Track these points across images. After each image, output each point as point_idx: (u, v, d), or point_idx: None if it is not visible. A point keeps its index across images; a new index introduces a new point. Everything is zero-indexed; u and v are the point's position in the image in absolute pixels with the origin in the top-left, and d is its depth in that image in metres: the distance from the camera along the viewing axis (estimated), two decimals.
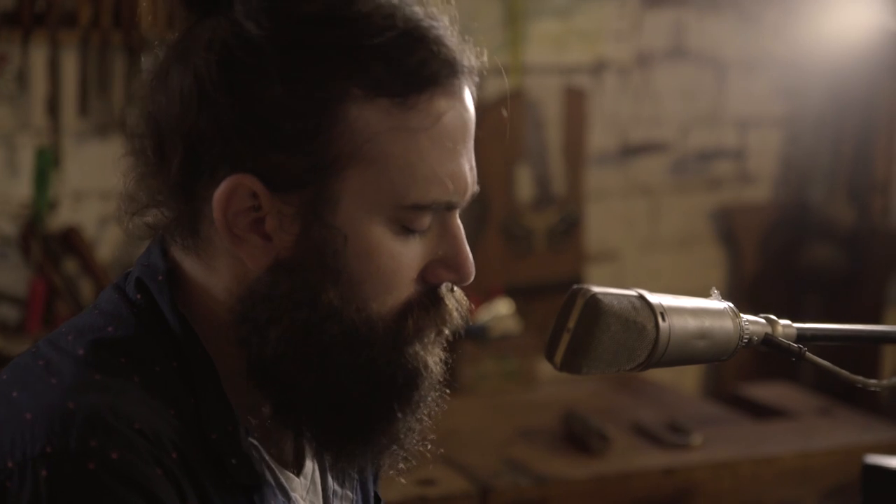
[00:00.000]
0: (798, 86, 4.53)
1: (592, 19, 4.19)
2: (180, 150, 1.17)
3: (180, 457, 1.13)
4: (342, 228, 1.17)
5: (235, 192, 1.16)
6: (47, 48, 3.46)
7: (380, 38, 1.15)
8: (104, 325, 1.21)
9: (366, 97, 1.15)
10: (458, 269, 1.22)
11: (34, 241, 3.45)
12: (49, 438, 1.09)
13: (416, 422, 1.25)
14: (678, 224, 4.44)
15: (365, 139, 1.15)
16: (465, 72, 1.20)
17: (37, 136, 3.49)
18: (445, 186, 1.18)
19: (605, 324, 1.17)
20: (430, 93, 1.17)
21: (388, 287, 1.19)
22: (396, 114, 1.16)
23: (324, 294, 1.17)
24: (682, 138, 4.41)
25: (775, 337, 1.29)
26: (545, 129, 4.16)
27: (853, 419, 3.41)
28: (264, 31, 1.15)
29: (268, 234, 1.18)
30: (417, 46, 1.16)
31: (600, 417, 3.26)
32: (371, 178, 1.16)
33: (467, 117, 1.20)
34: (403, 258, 1.19)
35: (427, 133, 1.17)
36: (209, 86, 1.15)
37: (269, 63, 1.15)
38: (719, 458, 3.11)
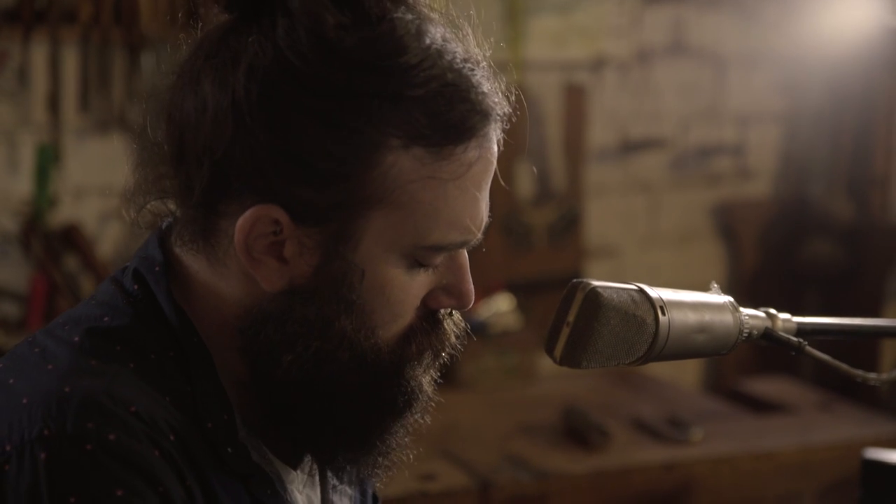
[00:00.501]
0: (797, 82, 4.53)
1: (592, 15, 4.19)
2: (207, 171, 1.17)
3: (177, 439, 1.14)
4: (360, 264, 1.18)
5: (260, 220, 1.17)
6: (48, 45, 3.46)
7: (423, 90, 1.15)
8: (100, 315, 1.22)
9: (403, 146, 1.16)
10: (460, 298, 1.25)
11: (35, 238, 3.46)
12: (46, 421, 1.10)
13: (401, 433, 1.28)
14: (678, 220, 4.44)
15: (397, 186, 1.16)
16: (497, 119, 1.22)
17: (37, 132, 3.49)
18: (465, 229, 1.21)
19: (605, 317, 1.17)
20: (466, 145, 1.18)
21: (394, 316, 1.21)
22: (430, 163, 1.17)
23: (337, 323, 1.19)
24: (681, 134, 4.41)
25: (775, 331, 1.30)
26: (545, 125, 4.16)
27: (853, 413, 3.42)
28: (310, 69, 1.14)
29: (285, 258, 1.19)
30: (459, 100, 1.17)
31: (600, 412, 3.26)
32: (395, 220, 1.18)
33: (492, 161, 1.22)
34: (412, 290, 1.22)
35: (455, 183, 1.18)
36: (247, 115, 1.15)
37: (311, 102, 1.14)
38: (719, 453, 3.12)
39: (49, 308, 3.42)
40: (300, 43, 1.15)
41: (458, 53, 1.19)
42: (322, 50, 1.15)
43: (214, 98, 1.16)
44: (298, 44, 1.15)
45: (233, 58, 1.16)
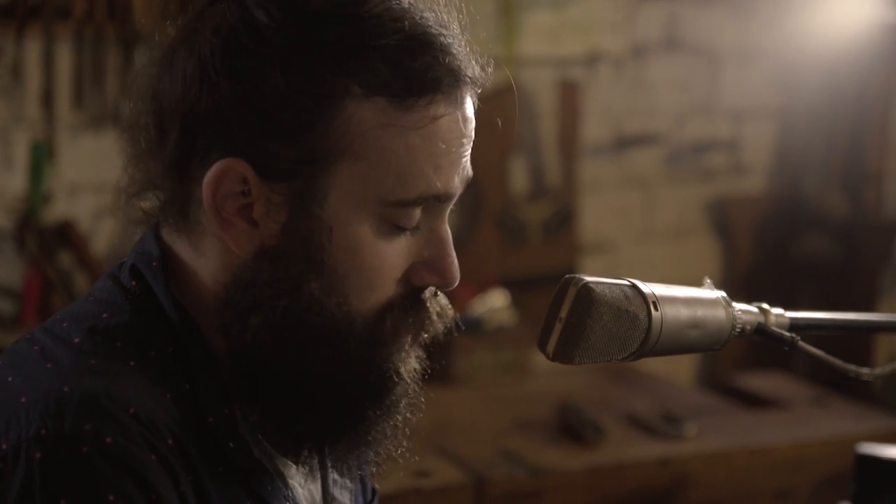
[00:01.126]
0: (792, 78, 4.53)
1: (586, 11, 4.19)
2: (177, 129, 1.18)
3: (176, 442, 1.14)
4: (328, 221, 1.17)
5: (226, 175, 1.17)
6: (41, 41, 3.46)
7: (386, 39, 1.16)
8: (99, 312, 1.21)
9: (364, 95, 1.16)
10: (443, 273, 1.23)
11: (29, 235, 3.45)
12: (44, 421, 1.10)
13: (389, 426, 1.26)
14: (672, 216, 4.45)
15: (358, 135, 1.16)
16: (468, 82, 1.21)
17: (31, 129, 3.49)
18: (430, 182, 1.19)
19: (598, 313, 1.17)
20: (430, 98, 1.17)
21: (370, 284, 1.20)
22: (391, 112, 1.17)
23: (306, 285, 1.18)
24: (676, 130, 4.41)
25: (768, 326, 1.30)
26: (539, 120, 4.16)
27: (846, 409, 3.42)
28: (273, 21, 1.16)
29: (255, 219, 1.19)
30: (423, 51, 1.17)
31: (595, 408, 3.26)
32: (360, 173, 1.17)
33: (465, 126, 1.21)
34: (387, 257, 1.20)
35: (419, 132, 1.17)
36: (212, 69, 1.17)
37: (273, 53, 1.15)
38: (713, 449, 3.12)
39: (43, 305, 3.42)
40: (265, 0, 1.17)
41: (428, 16, 1.20)
42: (286, 2, 1.17)
43: (185, 61, 1.18)
44: (263, 1, 1.17)
45: (203, 24, 1.19)
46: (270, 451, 1.26)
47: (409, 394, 1.27)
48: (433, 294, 1.25)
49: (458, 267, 1.23)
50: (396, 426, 1.27)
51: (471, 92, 1.22)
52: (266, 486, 1.23)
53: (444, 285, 1.24)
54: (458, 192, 1.22)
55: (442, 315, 1.26)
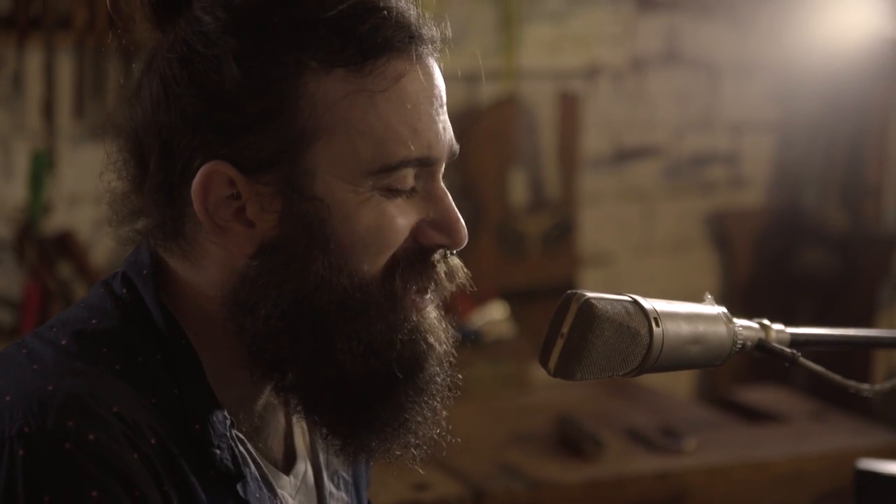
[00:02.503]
0: (791, 91, 4.54)
1: (586, 24, 4.20)
2: (156, 150, 1.19)
3: (159, 443, 1.14)
4: (324, 199, 1.18)
5: (212, 180, 1.17)
6: (43, 51, 3.46)
7: (331, 11, 1.17)
8: (88, 318, 1.22)
9: (322, 69, 1.17)
10: (449, 231, 1.22)
11: (29, 245, 3.45)
12: (27, 419, 1.11)
13: (426, 407, 1.25)
14: (672, 228, 4.45)
15: (325, 108, 1.17)
16: (423, 40, 1.21)
17: (32, 139, 3.49)
18: (408, 144, 1.18)
19: (599, 329, 1.17)
20: (386, 57, 1.18)
21: (378, 246, 1.19)
22: (353, 80, 1.17)
23: (311, 264, 1.18)
24: (675, 142, 4.42)
25: (769, 342, 1.30)
26: (539, 133, 4.17)
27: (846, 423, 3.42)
28: (219, 21, 1.17)
29: (250, 220, 1.19)
30: (368, 14, 1.17)
31: (594, 422, 3.26)
32: (339, 146, 1.17)
33: (430, 82, 1.21)
34: (390, 215, 1.19)
35: (385, 95, 1.18)
36: (172, 82, 1.18)
37: (225, 49, 1.17)
38: (713, 463, 3.11)
39: (43, 315, 3.41)
40: (210, 4, 1.18)
41: None
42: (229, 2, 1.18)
43: (149, 86, 1.20)
44: (209, 5, 1.18)
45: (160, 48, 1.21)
46: (259, 459, 1.26)
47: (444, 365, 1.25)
48: (443, 256, 1.24)
49: (464, 225, 1.23)
50: (435, 405, 1.26)
51: (430, 51, 1.22)
52: (253, 493, 1.23)
53: (452, 244, 1.23)
54: (443, 157, 1.22)
55: (452, 276, 1.25)
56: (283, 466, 1.31)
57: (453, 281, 1.25)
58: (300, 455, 1.32)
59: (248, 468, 1.23)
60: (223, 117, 1.17)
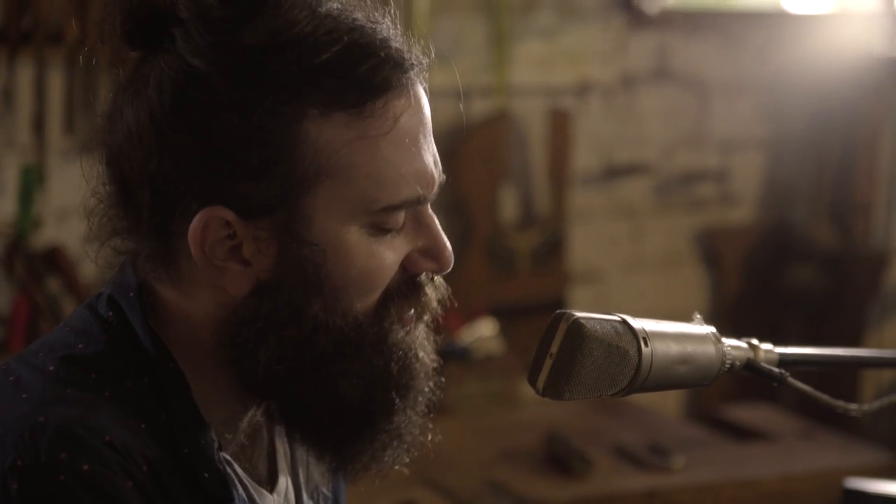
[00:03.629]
0: (780, 108, 4.55)
1: (577, 41, 4.21)
2: (148, 194, 1.18)
3: (151, 470, 1.14)
4: (319, 243, 1.17)
5: (209, 225, 1.17)
6: (33, 66, 3.46)
7: (326, 54, 1.16)
8: (75, 342, 1.21)
9: (322, 114, 1.16)
10: (438, 258, 1.23)
11: (18, 260, 3.45)
12: (20, 451, 1.10)
13: (415, 414, 1.26)
14: (661, 245, 4.45)
15: (328, 155, 1.16)
16: (413, 68, 1.20)
17: (22, 153, 3.49)
18: (412, 185, 1.19)
19: (588, 349, 1.17)
20: (385, 98, 1.17)
21: (372, 286, 1.20)
22: (355, 125, 1.17)
23: (309, 309, 1.18)
24: (665, 160, 4.43)
25: (757, 362, 1.30)
26: (530, 149, 4.17)
27: (834, 442, 3.42)
28: (213, 67, 1.15)
29: (246, 259, 1.18)
30: (365, 55, 1.17)
31: (582, 439, 3.26)
32: (339, 190, 1.17)
33: (423, 112, 1.21)
34: (384, 256, 1.20)
35: (387, 138, 1.17)
36: (166, 127, 1.16)
37: (221, 97, 1.15)
38: (701, 481, 3.11)
39: (31, 330, 3.41)
40: (197, 46, 1.16)
41: (357, 16, 1.19)
42: (218, 46, 1.16)
43: (135, 122, 1.18)
44: (196, 47, 1.16)
45: (144, 81, 1.18)
46: (246, 480, 1.26)
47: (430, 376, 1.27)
48: (429, 278, 1.25)
49: (451, 250, 1.23)
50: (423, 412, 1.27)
51: (419, 77, 1.21)
52: None
53: (439, 269, 1.24)
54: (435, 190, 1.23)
55: (439, 297, 1.26)
56: (268, 484, 1.30)
57: (440, 301, 1.26)
58: (282, 471, 1.33)
59: (236, 489, 1.23)
60: (222, 165, 1.16)
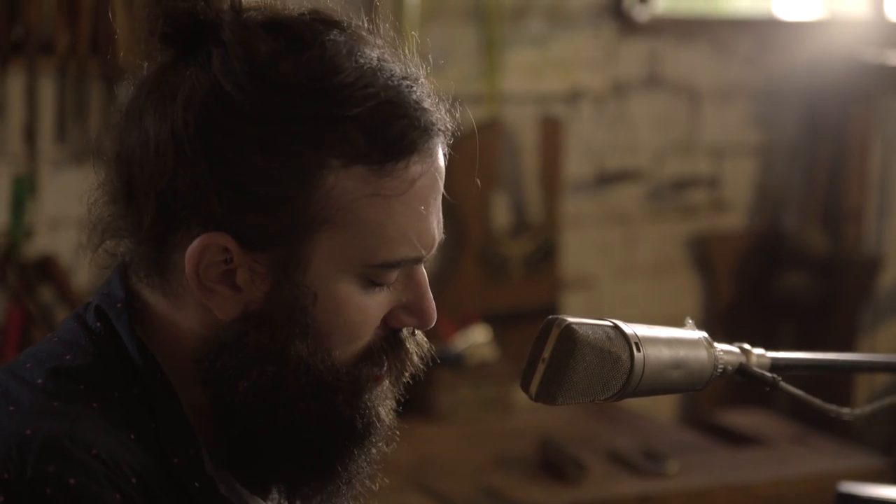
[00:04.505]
0: (772, 115, 4.56)
1: (568, 48, 4.21)
2: (153, 205, 1.18)
3: (140, 482, 1.13)
4: (312, 287, 1.18)
5: (208, 249, 1.17)
6: (25, 76, 3.46)
7: (359, 108, 1.15)
8: (63, 354, 1.21)
9: (343, 166, 1.16)
10: (421, 315, 1.23)
11: (10, 269, 3.44)
12: (6, 465, 1.10)
13: (366, 463, 1.27)
14: (653, 252, 4.46)
15: (340, 205, 1.16)
16: (438, 132, 1.20)
17: (14, 163, 3.49)
18: (413, 245, 1.19)
19: (580, 354, 1.17)
20: (408, 160, 1.17)
21: (353, 337, 1.21)
22: (373, 181, 1.17)
23: (292, 347, 1.18)
24: (657, 166, 4.43)
25: (749, 367, 1.30)
26: (521, 156, 4.18)
27: (827, 447, 3.43)
28: (245, 97, 1.15)
29: (238, 286, 1.19)
30: (397, 116, 1.17)
31: (576, 445, 3.26)
32: (342, 240, 1.17)
33: (438, 176, 1.21)
34: (370, 310, 1.20)
35: (400, 199, 1.18)
36: (187, 146, 1.15)
37: (248, 130, 1.15)
38: (695, 486, 3.12)
39: (24, 339, 3.40)
40: (234, 72, 1.15)
41: (396, 71, 1.19)
42: (256, 77, 1.15)
43: (156, 132, 1.17)
44: (232, 73, 1.15)
45: (171, 91, 1.17)
46: (238, 488, 1.26)
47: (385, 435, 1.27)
48: (411, 333, 1.25)
49: (434, 308, 1.24)
50: (373, 461, 1.27)
51: (443, 140, 1.22)
52: None
53: (421, 326, 1.24)
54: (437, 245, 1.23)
55: (420, 353, 1.26)
56: (260, 491, 1.30)
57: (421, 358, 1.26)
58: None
59: (228, 498, 1.23)
60: (234, 195, 1.16)
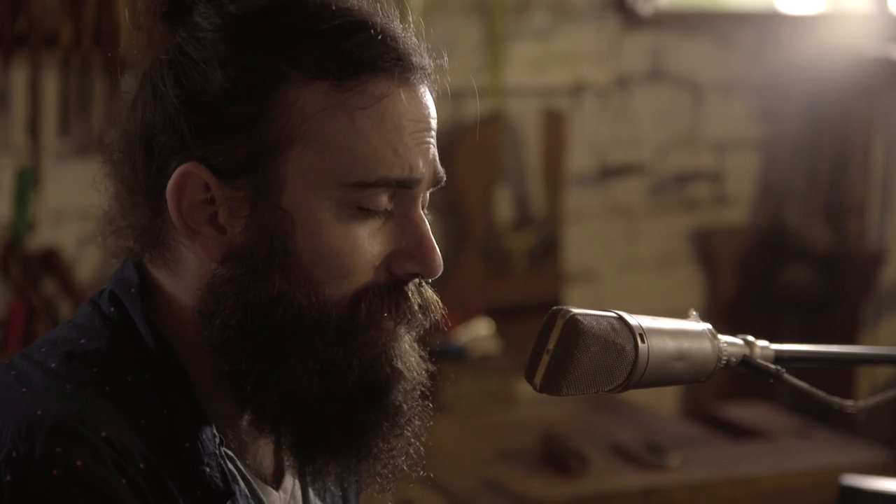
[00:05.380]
0: (775, 109, 4.56)
1: (571, 42, 4.22)
2: (141, 152, 1.20)
3: (148, 467, 1.14)
4: (289, 210, 1.17)
5: (186, 183, 1.18)
6: (28, 68, 3.46)
7: (321, 24, 1.18)
8: (77, 338, 1.22)
9: (304, 80, 1.17)
10: (423, 260, 1.21)
11: (13, 262, 3.45)
12: (15, 444, 1.10)
13: (393, 435, 1.24)
14: (656, 245, 4.46)
15: (303, 119, 1.17)
16: (410, 64, 1.20)
17: (17, 156, 3.49)
18: (390, 164, 1.18)
19: (585, 345, 1.17)
20: (369, 76, 1.18)
21: (341, 270, 1.18)
22: (334, 94, 1.17)
23: (270, 277, 1.17)
24: (660, 160, 4.43)
25: (753, 358, 1.30)
26: (524, 150, 4.18)
27: (830, 440, 3.43)
28: (212, 26, 1.19)
29: (222, 226, 1.19)
30: (355, 31, 1.18)
31: (579, 438, 3.27)
32: (313, 158, 1.17)
33: (417, 106, 1.20)
34: (357, 239, 1.18)
35: (366, 113, 1.18)
36: (160, 83, 1.19)
37: (212, 54, 1.18)
38: (697, 479, 3.12)
39: (27, 332, 3.41)
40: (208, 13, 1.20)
41: (369, 9, 1.21)
42: (226, 10, 1.19)
43: (143, 92, 1.21)
44: (208, 13, 1.20)
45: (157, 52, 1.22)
46: (249, 476, 1.26)
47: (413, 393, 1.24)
48: (417, 285, 1.22)
49: (439, 254, 1.21)
50: (404, 433, 1.25)
51: (419, 78, 1.21)
52: None
53: (425, 273, 1.21)
54: (424, 179, 1.21)
55: (426, 308, 1.23)
56: (273, 481, 1.30)
57: (427, 315, 1.23)
58: (288, 469, 1.32)
59: (238, 485, 1.23)
60: (202, 120, 1.17)
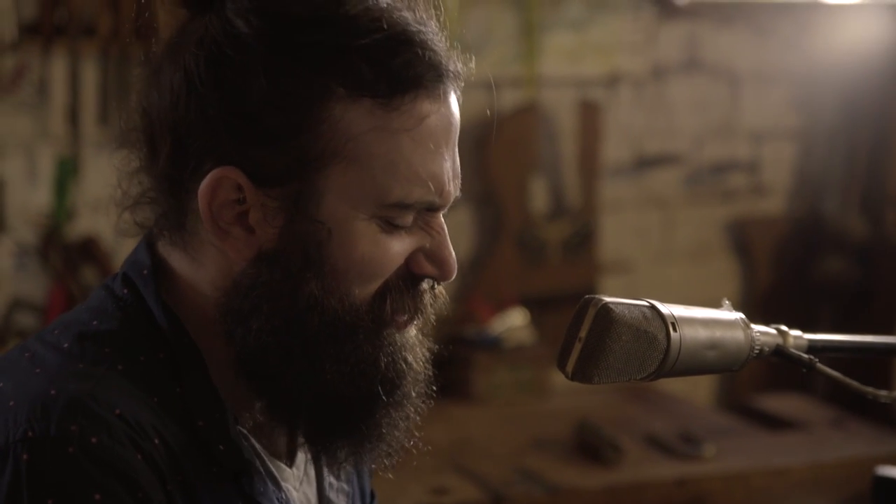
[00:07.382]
0: (812, 98, 4.54)
1: (607, 32, 4.21)
2: (168, 142, 1.20)
3: (162, 442, 1.15)
4: (326, 222, 1.19)
5: (220, 185, 1.18)
6: (67, 58, 3.49)
7: (365, 39, 1.17)
8: (90, 320, 1.23)
9: (350, 97, 1.17)
10: (441, 265, 1.24)
11: (53, 250, 3.48)
12: (31, 423, 1.12)
13: (400, 418, 1.26)
14: (692, 236, 4.45)
15: (348, 138, 1.17)
16: (450, 76, 1.21)
17: (56, 145, 3.52)
18: (427, 187, 1.20)
19: (617, 333, 1.18)
20: (414, 94, 1.18)
21: (372, 275, 1.21)
22: (380, 114, 1.18)
23: (305, 285, 1.19)
24: (696, 151, 4.42)
25: (786, 348, 1.30)
26: (560, 140, 4.18)
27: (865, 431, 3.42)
28: (253, 30, 1.17)
29: (251, 226, 1.20)
30: (403, 48, 1.18)
31: (613, 428, 3.27)
32: (354, 176, 1.18)
33: (451, 121, 1.22)
34: (389, 247, 1.21)
35: (409, 134, 1.18)
36: (197, 80, 1.18)
37: (255, 60, 1.17)
38: (732, 470, 3.12)
39: None
40: (244, 8, 1.18)
41: (406, 14, 1.20)
42: (265, 11, 1.18)
43: (171, 75, 1.20)
44: (243, 10, 1.18)
45: (186, 40, 1.20)
46: (263, 454, 1.27)
47: (420, 382, 1.27)
48: (430, 287, 1.25)
49: (455, 259, 1.24)
50: (409, 417, 1.27)
51: (454, 86, 1.23)
52: (258, 488, 1.23)
53: (441, 276, 1.25)
54: (450, 202, 1.23)
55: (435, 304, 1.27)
56: (286, 458, 1.31)
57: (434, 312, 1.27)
58: (301, 446, 1.33)
59: (252, 463, 1.24)
60: (243, 126, 1.17)
